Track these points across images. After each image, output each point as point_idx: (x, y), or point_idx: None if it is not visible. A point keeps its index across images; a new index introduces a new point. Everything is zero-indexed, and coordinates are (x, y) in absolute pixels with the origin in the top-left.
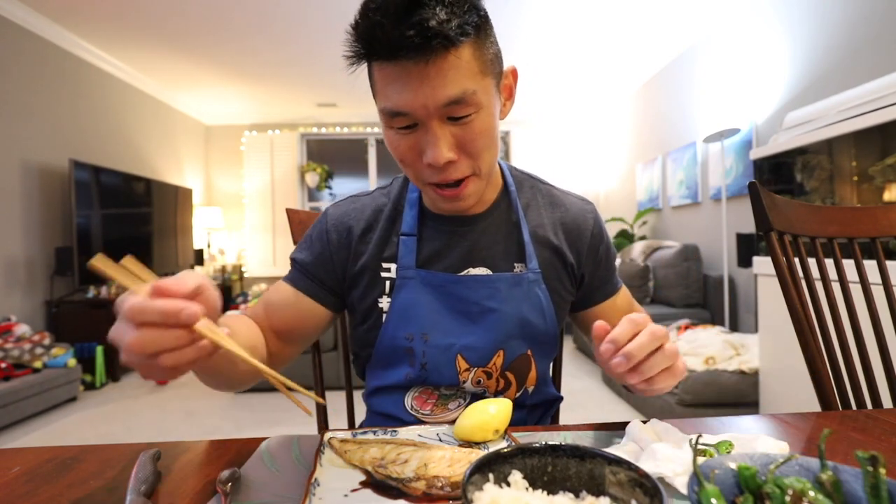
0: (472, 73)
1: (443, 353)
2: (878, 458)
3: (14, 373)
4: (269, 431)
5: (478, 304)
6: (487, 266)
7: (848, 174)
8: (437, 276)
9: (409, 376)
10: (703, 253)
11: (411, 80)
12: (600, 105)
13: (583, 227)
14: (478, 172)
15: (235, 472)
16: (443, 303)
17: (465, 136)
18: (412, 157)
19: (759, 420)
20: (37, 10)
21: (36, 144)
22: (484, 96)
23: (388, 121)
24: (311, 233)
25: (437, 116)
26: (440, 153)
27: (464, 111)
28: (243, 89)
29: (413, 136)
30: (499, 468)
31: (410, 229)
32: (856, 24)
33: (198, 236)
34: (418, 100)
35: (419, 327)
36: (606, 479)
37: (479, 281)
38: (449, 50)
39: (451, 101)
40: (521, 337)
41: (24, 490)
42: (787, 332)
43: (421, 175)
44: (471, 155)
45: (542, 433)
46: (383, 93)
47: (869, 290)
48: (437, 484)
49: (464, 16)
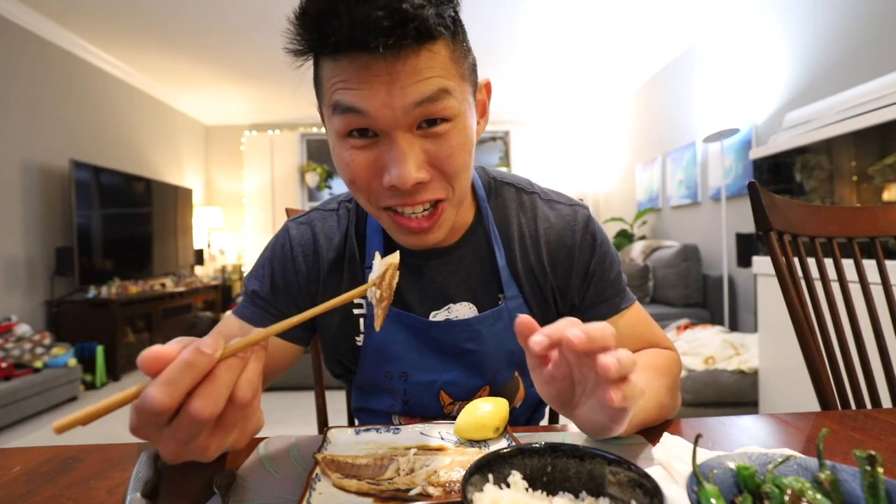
0: (449, 73)
1: (425, 390)
2: (876, 458)
3: (14, 373)
4: (267, 431)
5: (456, 346)
6: (469, 300)
7: (847, 174)
8: (409, 317)
9: (393, 407)
10: (703, 253)
11: (374, 76)
12: (600, 105)
13: (569, 243)
14: (451, 197)
15: (232, 473)
16: (421, 341)
17: (438, 151)
18: (367, 177)
19: (759, 420)
20: (37, 10)
21: (36, 144)
22: (462, 103)
23: (340, 129)
24: (269, 256)
25: (405, 125)
26: (407, 171)
27: (439, 113)
28: (243, 89)
29: (372, 151)
30: (498, 469)
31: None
32: (855, 24)
33: (198, 236)
34: (379, 99)
35: (398, 366)
36: (606, 479)
37: (457, 326)
38: (423, 44)
39: (424, 98)
40: (507, 367)
41: (24, 490)
42: (786, 332)
43: (376, 198)
44: (445, 174)
45: (542, 433)
46: (331, 87)
47: (868, 290)
48: (456, 488)
49: (440, 6)
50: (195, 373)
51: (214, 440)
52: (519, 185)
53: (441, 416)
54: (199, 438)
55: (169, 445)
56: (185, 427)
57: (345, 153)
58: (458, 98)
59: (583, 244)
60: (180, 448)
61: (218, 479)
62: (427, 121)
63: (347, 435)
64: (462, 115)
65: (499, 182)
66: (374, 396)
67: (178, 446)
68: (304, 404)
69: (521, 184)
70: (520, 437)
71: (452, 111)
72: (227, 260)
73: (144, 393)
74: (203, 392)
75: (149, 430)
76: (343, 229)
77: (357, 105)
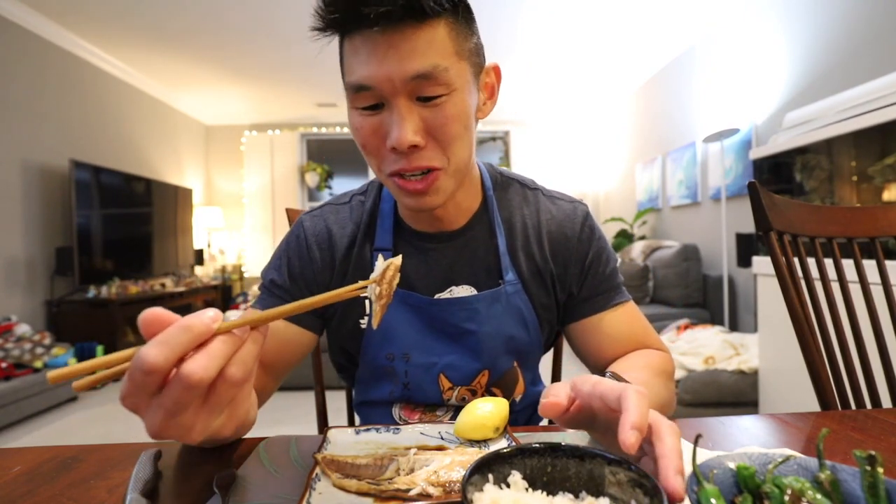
0: (446, 52)
1: (425, 373)
2: (876, 458)
3: (14, 372)
4: (267, 431)
5: (456, 326)
6: (471, 283)
7: (847, 174)
8: (413, 296)
9: (392, 394)
10: (703, 253)
11: (377, 50)
12: (600, 105)
13: (569, 233)
14: (446, 167)
15: (232, 473)
16: (423, 322)
17: (434, 119)
18: (375, 142)
19: (759, 420)
20: (37, 10)
21: (36, 144)
22: (458, 78)
23: (352, 99)
24: (285, 247)
25: (405, 93)
26: (404, 134)
27: (434, 90)
28: (243, 89)
29: (377, 117)
30: (498, 469)
31: (385, 244)
32: (855, 24)
33: (198, 236)
34: (382, 71)
35: (400, 347)
36: (606, 479)
37: (456, 303)
38: (423, 22)
39: (420, 74)
40: (506, 353)
41: (24, 490)
42: (786, 332)
43: (383, 164)
44: (440, 142)
45: (542, 433)
46: (349, 67)
47: (868, 290)
48: (456, 488)
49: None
50: (191, 337)
51: (200, 418)
52: (523, 181)
53: (440, 403)
54: (186, 414)
55: (156, 416)
56: (173, 393)
57: (356, 120)
58: (454, 74)
59: (582, 236)
60: (166, 420)
61: (218, 478)
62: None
63: (347, 435)
64: (458, 88)
65: (505, 177)
66: (374, 386)
67: (165, 417)
68: (304, 404)
69: (525, 181)
70: (520, 436)
71: (447, 87)
72: (227, 260)
73: (139, 352)
74: (196, 357)
75: (138, 397)
76: (356, 218)
77: (365, 78)
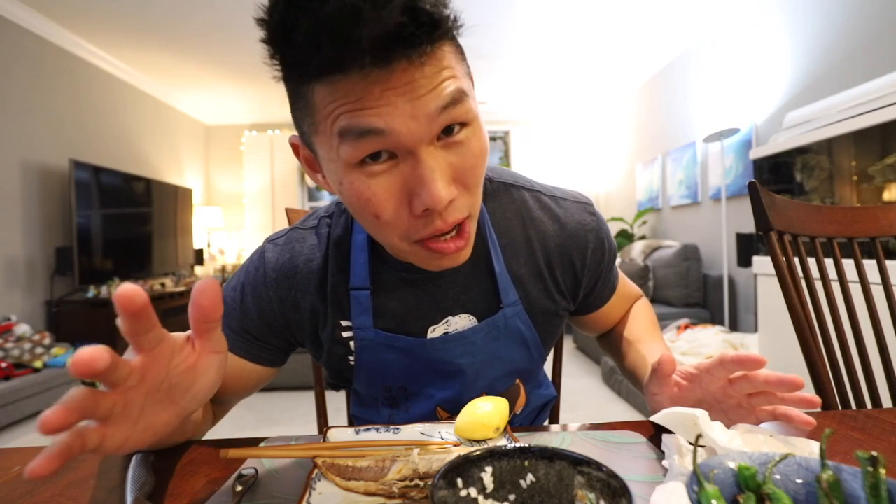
0: (459, 72)
1: (425, 402)
2: (878, 458)
3: (14, 372)
4: (267, 431)
5: (451, 363)
6: (469, 312)
7: (847, 174)
8: (400, 339)
9: (392, 417)
10: (703, 253)
11: (391, 88)
12: (600, 105)
13: (581, 246)
14: (473, 213)
15: (254, 471)
16: (415, 361)
17: (462, 163)
18: (394, 207)
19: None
20: (37, 10)
21: (36, 144)
22: (475, 104)
23: (352, 158)
24: (242, 279)
25: (429, 137)
26: (438, 189)
27: (461, 117)
28: (243, 89)
29: (394, 175)
30: (468, 472)
31: (361, 282)
32: (856, 24)
33: (198, 236)
34: (403, 112)
35: (394, 381)
36: (575, 479)
37: (450, 341)
38: (434, 43)
39: (447, 103)
40: (506, 377)
41: (24, 490)
42: (786, 332)
43: (410, 231)
44: (468, 187)
45: (542, 433)
46: (339, 118)
47: (868, 290)
48: None
49: (440, 6)
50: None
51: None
52: (519, 183)
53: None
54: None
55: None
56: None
57: (361, 185)
58: (472, 98)
59: (596, 244)
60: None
61: (238, 477)
62: (445, 129)
63: (347, 434)
64: (478, 117)
65: (497, 183)
66: (371, 409)
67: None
68: (304, 404)
69: (521, 182)
70: (520, 436)
71: (472, 113)
72: (227, 260)
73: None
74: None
75: None
76: (323, 249)
77: (376, 125)
